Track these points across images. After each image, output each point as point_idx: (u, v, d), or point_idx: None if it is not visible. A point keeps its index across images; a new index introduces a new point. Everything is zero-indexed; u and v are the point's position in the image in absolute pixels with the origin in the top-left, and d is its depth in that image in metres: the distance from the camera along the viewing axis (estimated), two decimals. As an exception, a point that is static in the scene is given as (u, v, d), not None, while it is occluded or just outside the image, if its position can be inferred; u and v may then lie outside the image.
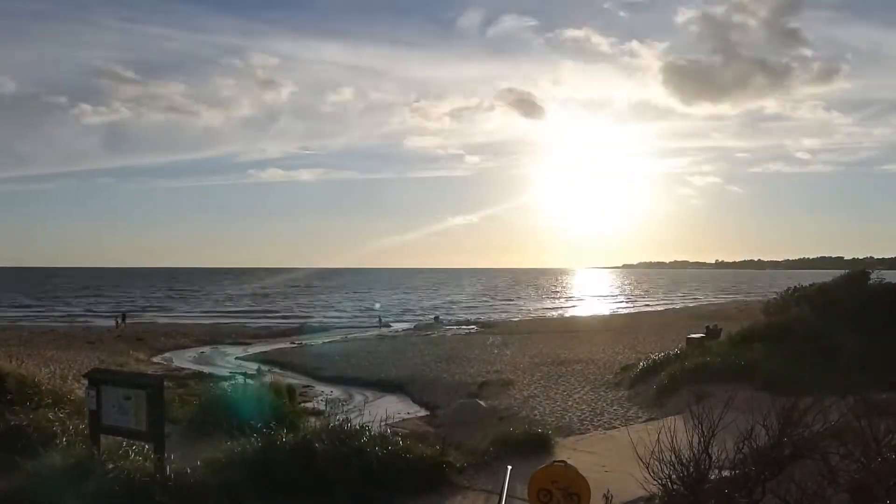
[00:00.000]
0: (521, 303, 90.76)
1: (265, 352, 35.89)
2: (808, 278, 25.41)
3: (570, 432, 13.35)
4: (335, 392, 24.06)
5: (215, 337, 42.99)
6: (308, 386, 24.64)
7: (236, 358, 34.34)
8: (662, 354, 20.91)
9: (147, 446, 7.13)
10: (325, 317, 63.28)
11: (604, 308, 78.74)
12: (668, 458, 5.29)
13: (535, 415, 17.19)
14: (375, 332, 48.98)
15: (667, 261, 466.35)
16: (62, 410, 9.34)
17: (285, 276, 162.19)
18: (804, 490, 4.84)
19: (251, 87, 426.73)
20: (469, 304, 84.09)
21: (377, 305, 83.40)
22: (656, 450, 5.33)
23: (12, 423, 8.36)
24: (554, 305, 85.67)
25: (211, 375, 26.50)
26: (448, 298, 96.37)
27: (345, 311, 71.61)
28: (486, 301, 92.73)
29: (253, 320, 59.50)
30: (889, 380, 12.09)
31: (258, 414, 9.56)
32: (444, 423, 16.66)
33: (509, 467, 5.65)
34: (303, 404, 19.49)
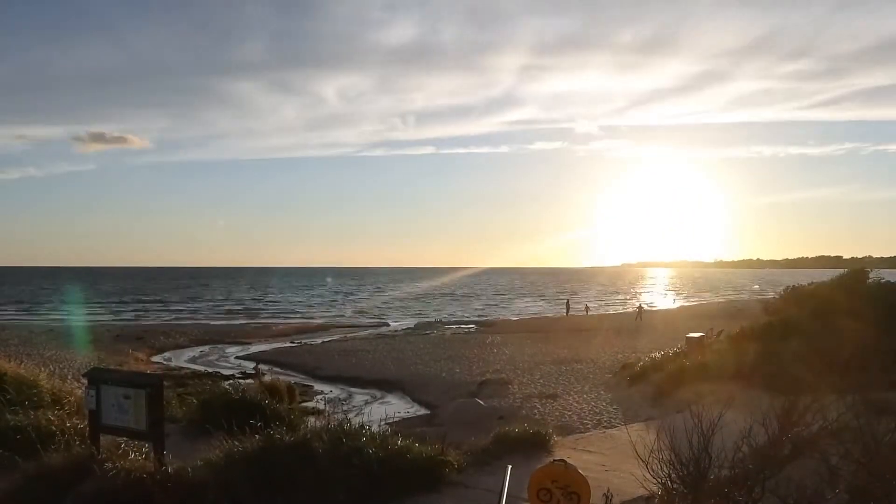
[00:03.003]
0: (520, 302, 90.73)
1: (265, 351, 35.94)
2: (807, 278, 25.44)
3: (570, 431, 13.36)
4: (335, 391, 24.08)
5: (214, 336, 43.02)
6: (308, 385, 24.65)
7: (236, 357, 34.36)
8: (662, 354, 20.95)
9: (146, 446, 7.13)
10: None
11: (603, 307, 78.73)
12: (668, 457, 5.29)
13: (535, 414, 17.22)
14: (374, 331, 48.99)
15: (666, 260, 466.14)
16: (62, 410, 9.34)
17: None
18: (803, 489, 4.85)
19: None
20: (470, 304, 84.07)
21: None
22: (656, 448, 5.33)
23: (12, 422, 8.36)
24: (553, 305, 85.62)
25: (211, 375, 26.54)
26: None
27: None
28: (485, 300, 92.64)
29: (252, 320, 59.53)
30: (888, 379, 12.10)
31: (258, 413, 9.56)
32: (443, 422, 16.67)
33: (509, 466, 5.63)
34: (302, 404, 19.51)
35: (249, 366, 30.17)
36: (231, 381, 20.01)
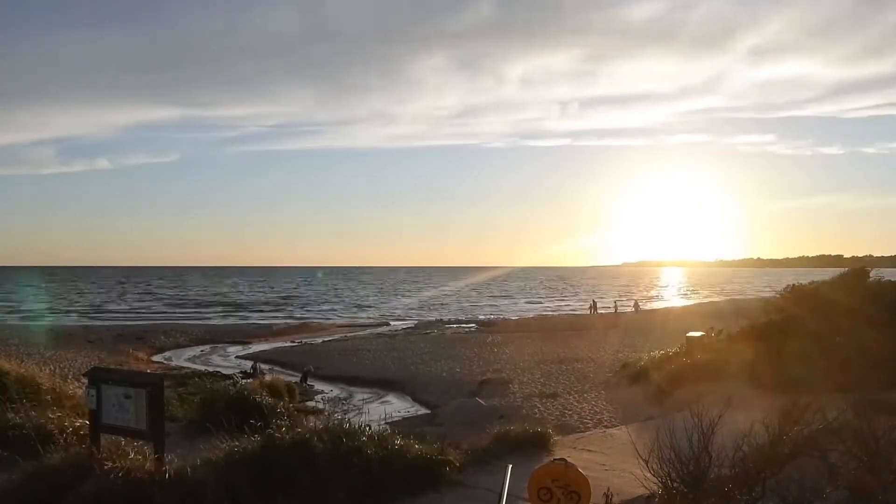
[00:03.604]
0: (520, 302, 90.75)
1: (265, 350, 35.95)
2: (807, 277, 25.43)
3: (570, 430, 13.36)
4: (335, 391, 24.10)
5: (215, 336, 43.02)
6: (308, 385, 24.65)
7: (236, 357, 34.37)
8: (662, 353, 20.94)
9: (147, 445, 7.12)
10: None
11: (604, 307, 78.66)
12: (668, 457, 5.29)
13: (536, 413, 17.22)
14: (374, 331, 49.01)
15: (666, 259, 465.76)
16: (62, 409, 9.34)
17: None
18: (803, 488, 4.85)
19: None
20: (469, 304, 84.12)
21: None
22: (656, 448, 5.33)
23: (12, 421, 8.36)
24: (553, 304, 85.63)
25: (211, 374, 26.54)
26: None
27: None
28: (486, 300, 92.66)
29: (252, 319, 59.54)
30: (888, 378, 12.09)
31: (257, 413, 9.56)
32: (443, 421, 16.67)
33: (510, 466, 5.63)
34: (303, 403, 19.52)
35: (250, 365, 30.19)
36: (231, 381, 20.03)
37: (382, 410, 18.22)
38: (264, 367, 29.16)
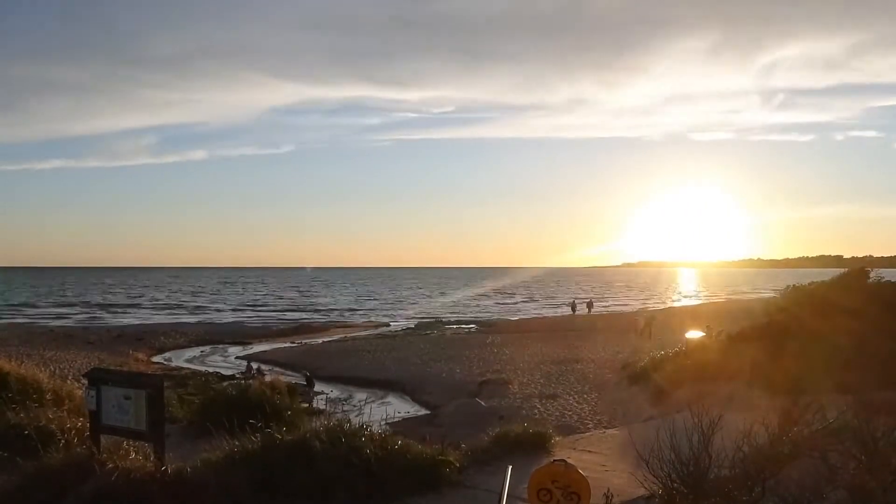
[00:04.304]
0: (520, 303, 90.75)
1: (265, 351, 35.95)
2: (807, 277, 25.44)
3: (570, 431, 13.36)
4: (335, 391, 24.12)
5: (215, 337, 43.01)
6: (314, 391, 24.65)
7: (236, 357, 34.36)
8: (662, 353, 20.93)
9: (147, 446, 7.12)
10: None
11: (603, 308, 78.70)
12: (668, 457, 5.29)
13: (535, 414, 17.23)
14: (374, 331, 49.02)
15: (667, 260, 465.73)
16: (62, 410, 9.34)
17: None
18: (803, 488, 4.85)
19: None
20: (469, 304, 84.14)
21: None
22: (656, 448, 5.33)
23: (12, 421, 8.37)
24: (552, 305, 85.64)
25: (211, 375, 26.55)
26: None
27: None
28: (486, 301, 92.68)
29: (253, 320, 59.51)
30: (887, 378, 12.09)
31: (258, 413, 9.56)
32: (443, 422, 16.67)
33: (510, 466, 5.63)
34: (302, 404, 19.51)
35: (253, 367, 30.18)
36: (231, 381, 20.04)
37: (382, 411, 18.22)
38: (264, 367, 29.18)
